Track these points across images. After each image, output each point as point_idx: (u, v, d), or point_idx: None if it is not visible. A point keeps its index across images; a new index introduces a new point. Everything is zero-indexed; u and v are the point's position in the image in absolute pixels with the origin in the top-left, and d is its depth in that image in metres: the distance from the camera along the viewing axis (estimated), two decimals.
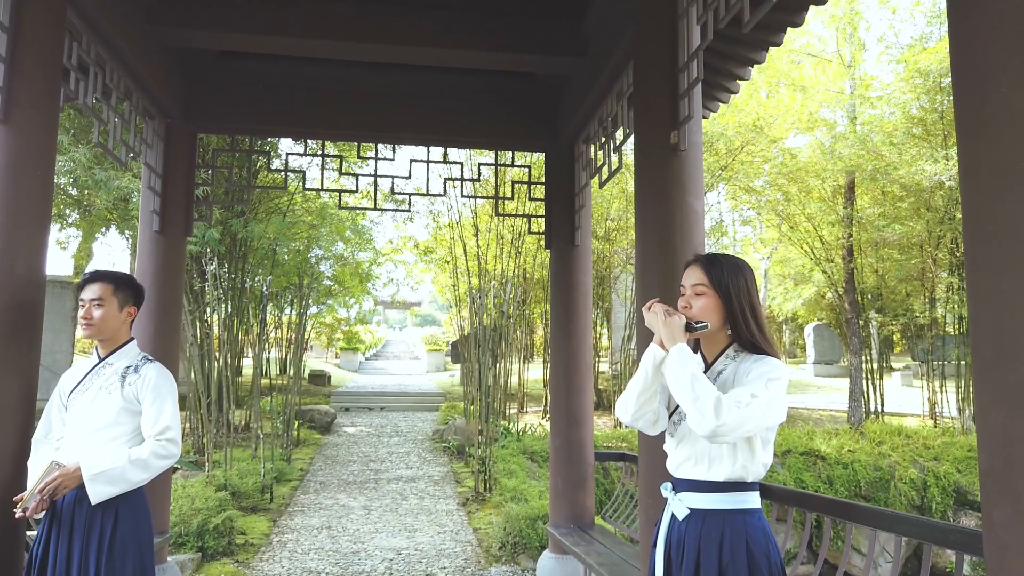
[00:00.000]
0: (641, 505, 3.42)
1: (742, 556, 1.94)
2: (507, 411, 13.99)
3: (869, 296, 15.83)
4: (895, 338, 25.22)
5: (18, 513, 2.44)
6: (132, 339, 2.84)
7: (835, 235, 14.60)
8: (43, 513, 2.58)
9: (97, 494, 2.46)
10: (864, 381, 14.55)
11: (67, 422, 2.70)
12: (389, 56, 4.56)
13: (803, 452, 10.76)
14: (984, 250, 1.61)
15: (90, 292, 2.73)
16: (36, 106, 3.05)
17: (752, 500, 2.04)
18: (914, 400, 15.89)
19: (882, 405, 14.78)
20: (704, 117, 4.75)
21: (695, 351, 2.15)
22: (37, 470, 2.56)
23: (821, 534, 8.49)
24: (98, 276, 2.79)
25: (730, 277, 2.08)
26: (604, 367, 16.94)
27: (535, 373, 19.08)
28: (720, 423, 1.81)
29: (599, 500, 7.58)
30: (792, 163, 13.78)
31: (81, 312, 2.74)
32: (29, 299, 2.93)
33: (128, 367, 2.71)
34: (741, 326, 2.07)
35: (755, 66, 4.56)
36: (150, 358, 2.82)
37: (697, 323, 2.07)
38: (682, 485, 2.12)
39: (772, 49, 4.30)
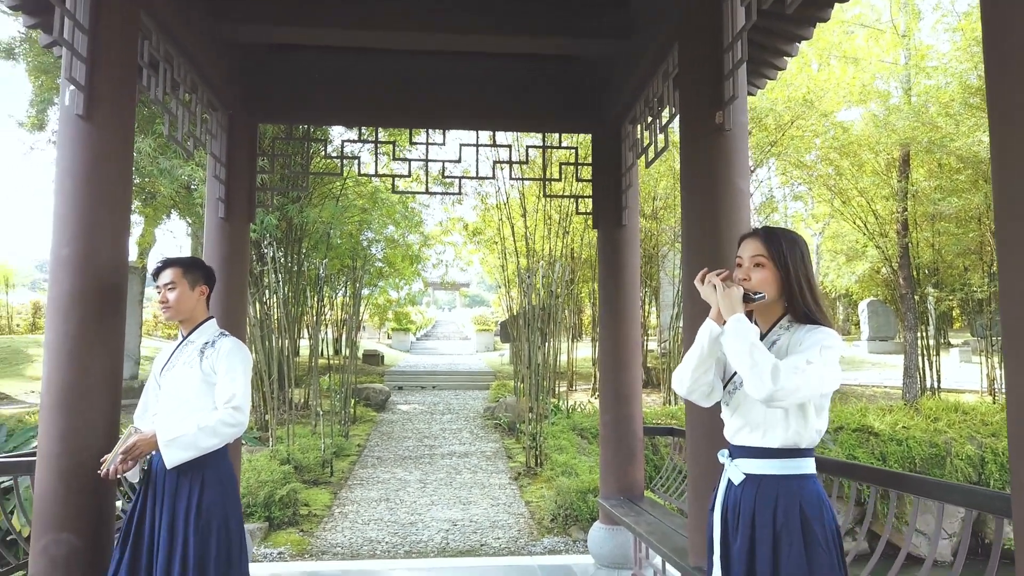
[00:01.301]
0: (690, 476, 3.53)
1: (795, 519, 2.00)
2: (556, 389, 14.16)
3: (925, 271, 15.49)
4: (954, 314, 24.58)
5: (101, 472, 2.69)
6: (211, 317, 3.05)
7: (889, 209, 14.31)
8: (138, 479, 2.83)
9: (171, 459, 2.67)
10: (919, 357, 14.29)
11: (160, 398, 2.93)
12: (439, 44, 4.71)
13: (856, 429, 10.69)
14: (1013, 225, 1.67)
15: (163, 278, 2.96)
16: (115, 103, 3.25)
17: (806, 466, 2.10)
18: (972, 376, 15.55)
19: (938, 381, 14.51)
20: (751, 94, 4.77)
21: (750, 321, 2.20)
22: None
23: (878, 512, 8.48)
24: (167, 263, 3.01)
25: (788, 249, 2.14)
26: (652, 345, 16.97)
27: (584, 352, 19.20)
28: (777, 388, 1.89)
29: (649, 475, 7.70)
30: (844, 137, 13.53)
31: (158, 298, 2.98)
32: (114, 285, 3.16)
33: (206, 343, 2.92)
34: (797, 297, 2.13)
35: (803, 41, 4.56)
36: (227, 334, 3.02)
37: (755, 294, 2.12)
38: (738, 452, 2.18)
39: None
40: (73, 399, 2.99)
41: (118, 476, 2.72)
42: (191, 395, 2.84)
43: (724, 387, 2.26)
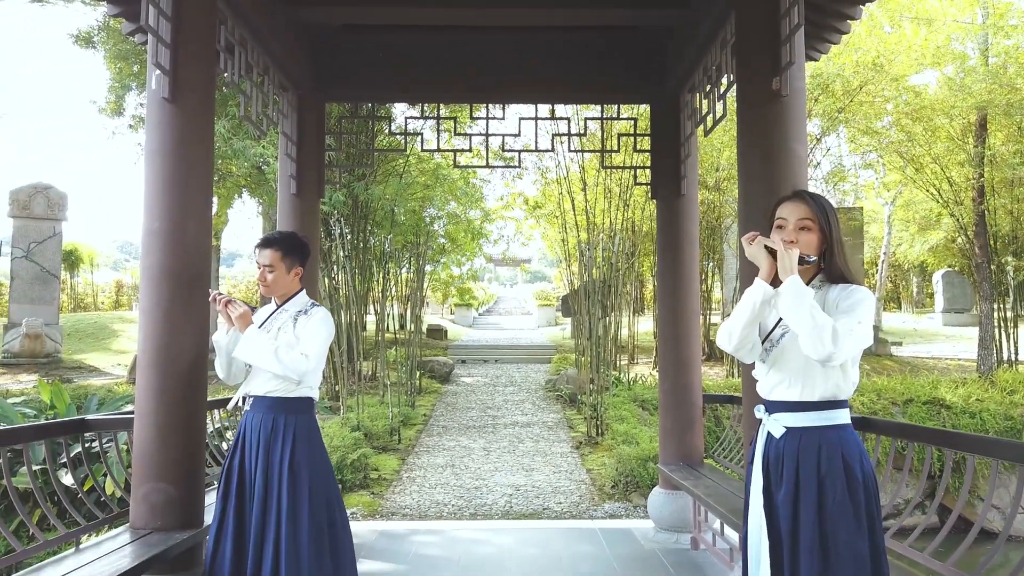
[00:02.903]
0: (745, 438, 3.61)
1: (838, 466, 2.10)
2: (618, 362, 14.22)
3: (1004, 239, 14.88)
4: None
5: (213, 293, 3.07)
6: (303, 289, 3.26)
7: (964, 176, 13.78)
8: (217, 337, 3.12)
9: (240, 349, 2.95)
10: (996, 329, 13.81)
11: None
12: (499, 19, 4.82)
13: (926, 401, 10.46)
14: None
15: (263, 258, 3.13)
16: (197, 86, 3.47)
17: (843, 416, 2.19)
18: None
19: (1016, 353, 14.01)
20: (813, 59, 4.72)
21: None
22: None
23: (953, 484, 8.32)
24: (268, 243, 3.15)
25: (828, 212, 2.22)
26: (716, 319, 16.82)
27: (645, 326, 19.16)
28: (837, 349, 1.99)
29: (709, 446, 7.76)
30: (917, 101, 13.06)
31: (258, 275, 3.19)
32: (199, 259, 3.41)
33: (300, 311, 3.15)
34: (835, 258, 2.20)
35: (866, 4, 4.48)
36: (318, 304, 3.23)
37: (808, 257, 2.18)
38: (777, 407, 2.26)
39: None
40: (167, 360, 3.26)
41: (217, 304, 3.02)
42: None
43: (762, 343, 2.32)
